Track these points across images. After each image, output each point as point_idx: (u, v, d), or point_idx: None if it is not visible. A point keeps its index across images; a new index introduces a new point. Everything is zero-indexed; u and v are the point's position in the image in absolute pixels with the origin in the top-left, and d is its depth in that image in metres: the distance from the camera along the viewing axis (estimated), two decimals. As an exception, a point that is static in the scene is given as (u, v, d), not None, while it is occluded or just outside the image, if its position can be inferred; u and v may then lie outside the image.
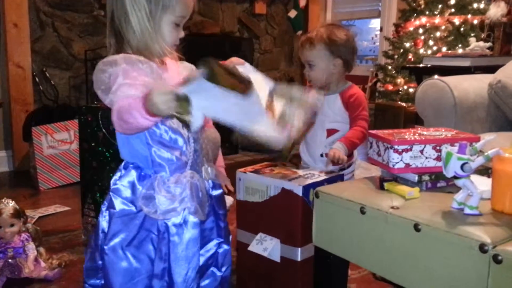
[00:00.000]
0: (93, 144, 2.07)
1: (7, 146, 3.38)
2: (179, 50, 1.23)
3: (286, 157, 1.46)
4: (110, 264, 1.16)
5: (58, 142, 3.05)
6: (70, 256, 1.98)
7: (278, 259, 1.54)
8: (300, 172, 1.62)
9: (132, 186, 1.18)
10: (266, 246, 1.54)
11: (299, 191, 1.48)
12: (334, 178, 1.58)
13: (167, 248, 1.18)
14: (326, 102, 1.72)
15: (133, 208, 1.17)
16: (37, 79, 3.40)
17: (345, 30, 1.71)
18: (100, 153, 2.05)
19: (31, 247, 1.80)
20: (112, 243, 1.16)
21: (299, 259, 1.51)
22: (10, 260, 1.76)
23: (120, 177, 1.20)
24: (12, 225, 1.78)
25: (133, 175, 1.18)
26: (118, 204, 1.17)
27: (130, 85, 1.04)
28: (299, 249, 1.51)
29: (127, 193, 1.17)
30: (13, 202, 1.83)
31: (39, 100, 3.43)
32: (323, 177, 1.56)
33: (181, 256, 1.18)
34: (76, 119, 2.97)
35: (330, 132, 1.71)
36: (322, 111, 1.73)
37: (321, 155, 1.72)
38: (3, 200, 1.82)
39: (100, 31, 3.62)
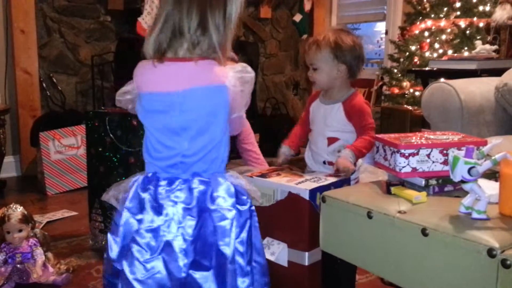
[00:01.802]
0: (100, 149, 2.08)
1: (14, 151, 3.40)
2: None
3: None
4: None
5: (66, 147, 3.07)
6: (78, 261, 1.99)
7: (285, 264, 1.54)
8: (307, 176, 1.62)
9: (229, 191, 1.18)
10: (274, 250, 1.54)
11: (306, 195, 1.48)
12: (341, 182, 1.58)
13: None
14: (329, 111, 1.72)
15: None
16: (44, 85, 3.43)
17: (353, 37, 1.70)
18: (108, 158, 2.06)
19: (39, 252, 1.81)
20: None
21: (306, 264, 1.51)
22: (18, 266, 1.77)
23: (215, 191, 1.17)
24: (20, 231, 1.79)
25: (223, 184, 1.18)
26: (232, 213, 1.16)
27: None
28: (307, 253, 1.51)
29: (227, 201, 1.16)
30: (21, 207, 1.84)
31: (46, 105, 3.45)
32: (329, 181, 1.56)
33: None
34: (83, 124, 2.99)
35: (331, 140, 1.71)
36: (324, 119, 1.73)
37: (324, 163, 1.72)
38: (11, 205, 1.83)
39: (106, 37, 3.64)
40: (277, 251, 1.54)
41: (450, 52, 3.18)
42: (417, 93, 3.40)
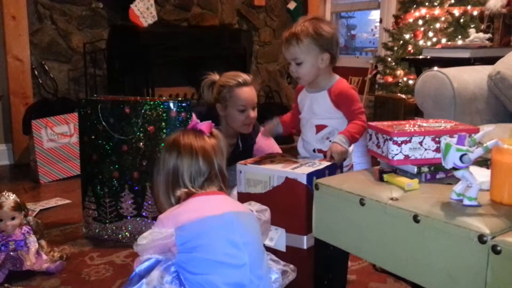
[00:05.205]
0: (93, 137, 2.07)
1: (7, 139, 3.38)
2: None
3: None
4: None
5: (58, 135, 3.05)
6: (71, 249, 1.99)
7: (283, 249, 1.54)
8: (301, 161, 1.63)
9: None
10: (272, 236, 1.55)
11: (303, 180, 1.48)
12: (335, 166, 1.59)
13: None
14: (314, 99, 1.71)
15: None
16: (36, 72, 3.40)
17: (329, 23, 1.69)
18: (100, 146, 2.05)
19: (32, 240, 1.80)
20: None
21: (305, 247, 1.51)
22: (11, 253, 1.76)
23: None
24: (13, 218, 1.78)
25: None
26: None
27: None
28: (305, 237, 1.51)
29: None
30: (14, 195, 1.83)
31: (38, 93, 3.43)
32: (324, 164, 1.56)
33: None
34: (75, 112, 2.97)
35: (319, 128, 1.71)
36: (311, 108, 1.72)
37: (314, 151, 1.72)
38: (4, 193, 1.83)
39: (98, 24, 3.61)
40: (275, 237, 1.54)
41: (443, 40, 3.18)
42: (410, 82, 3.41)
